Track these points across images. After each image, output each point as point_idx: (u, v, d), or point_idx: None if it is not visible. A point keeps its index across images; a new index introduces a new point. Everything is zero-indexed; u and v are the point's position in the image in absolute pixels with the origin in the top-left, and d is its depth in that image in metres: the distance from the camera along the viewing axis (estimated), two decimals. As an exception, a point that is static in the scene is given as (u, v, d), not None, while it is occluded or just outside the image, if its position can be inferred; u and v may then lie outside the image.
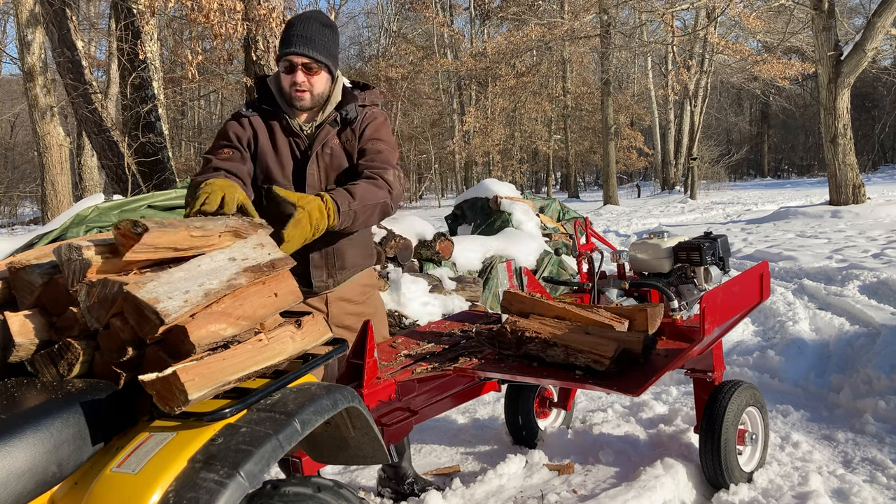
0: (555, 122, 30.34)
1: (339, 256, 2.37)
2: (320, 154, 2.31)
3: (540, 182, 38.75)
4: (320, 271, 2.35)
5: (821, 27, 12.91)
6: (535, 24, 22.87)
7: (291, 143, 2.32)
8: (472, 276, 5.90)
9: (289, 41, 2.25)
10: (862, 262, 7.15)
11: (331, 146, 2.33)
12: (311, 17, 2.31)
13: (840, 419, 3.48)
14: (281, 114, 2.33)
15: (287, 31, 2.28)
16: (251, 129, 2.31)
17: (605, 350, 2.17)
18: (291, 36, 2.26)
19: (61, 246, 1.46)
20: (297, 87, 2.26)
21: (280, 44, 2.30)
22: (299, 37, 2.24)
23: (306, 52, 2.23)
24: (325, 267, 2.36)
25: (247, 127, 2.31)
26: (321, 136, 2.32)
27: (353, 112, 2.36)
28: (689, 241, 3.20)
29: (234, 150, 2.26)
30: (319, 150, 2.31)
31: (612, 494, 2.63)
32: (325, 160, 2.32)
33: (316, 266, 2.34)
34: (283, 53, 2.27)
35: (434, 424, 3.52)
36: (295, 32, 2.25)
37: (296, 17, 2.33)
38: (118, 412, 1.38)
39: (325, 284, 2.37)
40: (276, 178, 2.29)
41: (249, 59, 7.47)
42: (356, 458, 1.71)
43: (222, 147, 2.27)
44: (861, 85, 28.59)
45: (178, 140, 26.55)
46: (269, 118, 2.33)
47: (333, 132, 2.34)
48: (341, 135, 2.35)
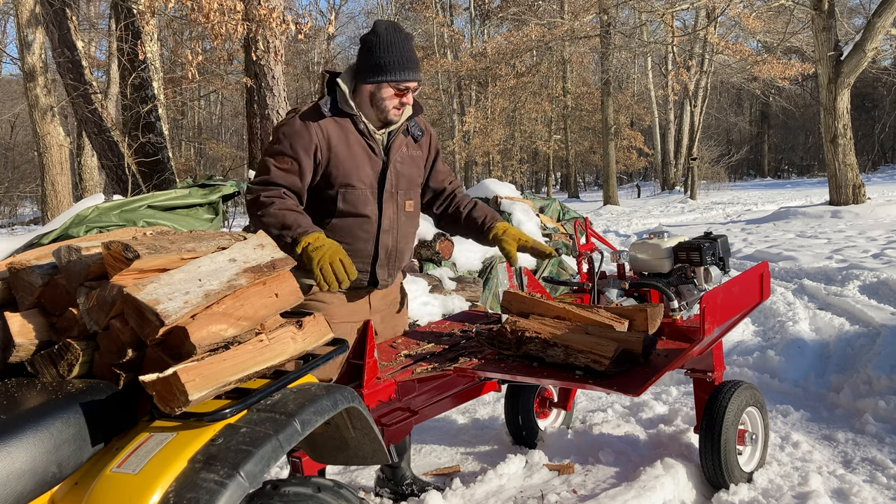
0: (555, 122, 30.34)
1: (399, 257, 2.51)
2: (395, 161, 2.42)
3: (540, 182, 38.74)
4: (384, 269, 2.47)
5: (821, 27, 12.91)
6: (535, 25, 22.87)
7: (367, 147, 2.38)
8: (472, 277, 5.90)
9: (402, 64, 2.29)
10: (862, 262, 7.15)
11: (401, 155, 2.45)
12: (405, 34, 2.35)
13: (840, 419, 3.48)
14: (358, 118, 2.37)
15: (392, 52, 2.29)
16: (323, 134, 2.31)
17: (605, 350, 2.17)
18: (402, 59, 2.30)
19: (61, 248, 1.46)
20: (400, 107, 2.36)
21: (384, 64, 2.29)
22: (411, 60, 2.32)
23: (418, 78, 2.35)
24: (388, 266, 2.48)
25: (315, 133, 2.30)
26: (395, 145, 2.43)
27: (416, 124, 2.51)
28: (689, 241, 3.20)
29: (294, 161, 2.29)
30: (394, 157, 2.42)
31: (612, 494, 2.63)
32: (397, 168, 2.43)
33: (381, 265, 2.45)
34: (397, 79, 2.29)
35: (434, 424, 3.52)
36: (402, 55, 2.29)
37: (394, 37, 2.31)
38: (118, 412, 1.38)
39: (386, 282, 2.50)
40: (353, 181, 2.35)
41: (249, 59, 7.48)
42: (356, 459, 1.71)
43: (283, 155, 2.29)
44: (861, 85, 28.59)
45: (178, 140, 26.54)
46: (343, 117, 2.37)
47: (404, 141, 2.46)
48: (408, 145, 2.49)
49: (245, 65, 7.99)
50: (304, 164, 2.29)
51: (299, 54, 28.44)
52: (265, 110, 7.40)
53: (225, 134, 34.02)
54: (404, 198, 2.46)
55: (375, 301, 2.53)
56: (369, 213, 2.37)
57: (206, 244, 1.52)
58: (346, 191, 2.34)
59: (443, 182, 2.64)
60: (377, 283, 2.46)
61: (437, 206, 2.67)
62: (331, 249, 2.16)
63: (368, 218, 2.38)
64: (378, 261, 2.43)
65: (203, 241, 1.52)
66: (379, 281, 2.46)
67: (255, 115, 7.66)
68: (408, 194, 2.47)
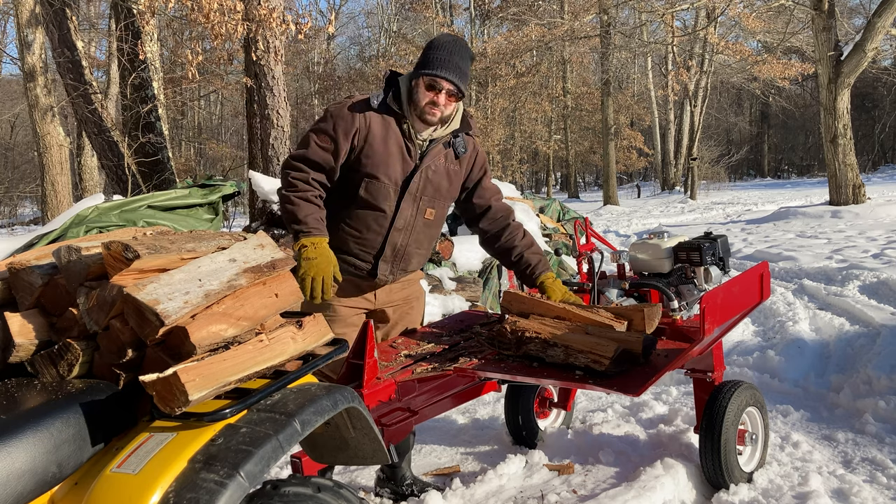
0: (555, 123, 30.35)
1: (406, 259, 2.54)
2: (427, 167, 2.46)
3: (540, 182, 38.75)
4: (387, 265, 2.50)
5: (821, 27, 12.91)
6: (535, 25, 22.85)
7: (404, 148, 2.44)
8: (472, 277, 5.90)
9: (443, 63, 2.37)
10: (862, 263, 7.15)
11: (436, 164, 2.49)
12: (463, 46, 2.43)
13: (840, 419, 3.48)
14: (403, 119, 2.43)
15: (440, 51, 2.39)
16: (365, 122, 2.40)
17: (605, 350, 2.17)
18: (444, 60, 2.37)
19: (60, 248, 1.46)
20: (434, 106, 2.39)
21: (428, 60, 2.39)
22: (454, 64, 2.37)
23: (455, 80, 2.38)
24: (392, 263, 2.51)
25: (358, 120, 2.39)
26: (433, 153, 2.48)
27: (461, 141, 2.55)
28: (689, 241, 3.20)
29: (333, 141, 2.39)
30: (427, 164, 2.46)
31: (612, 494, 2.63)
32: (427, 175, 2.48)
33: (385, 260, 2.49)
34: (433, 72, 2.36)
35: (434, 424, 3.52)
36: (449, 58, 2.37)
37: (451, 41, 2.44)
38: (118, 413, 1.38)
39: (385, 279, 2.53)
40: (379, 174, 2.41)
41: (249, 59, 7.48)
42: (356, 459, 1.71)
43: (325, 133, 2.40)
44: (861, 85, 28.59)
45: (178, 140, 26.52)
46: (390, 115, 2.43)
47: (443, 152, 2.50)
48: (448, 157, 2.52)
49: (245, 65, 7.99)
50: (340, 145, 2.38)
51: (299, 54, 28.43)
52: (265, 110, 7.40)
53: (225, 134, 34.01)
54: (427, 204, 2.50)
55: (382, 295, 2.58)
56: (386, 208, 2.44)
57: (206, 244, 1.52)
58: (371, 182, 2.41)
59: (488, 199, 2.69)
60: (376, 276, 2.49)
61: (483, 223, 2.72)
62: (321, 265, 2.27)
63: (384, 213, 2.44)
64: (383, 255, 2.48)
65: (203, 241, 1.52)
66: (378, 274, 2.49)
67: (255, 115, 7.66)
68: (432, 202, 2.52)
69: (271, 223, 5.58)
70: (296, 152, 2.45)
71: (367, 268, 2.48)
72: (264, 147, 7.43)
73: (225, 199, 6.14)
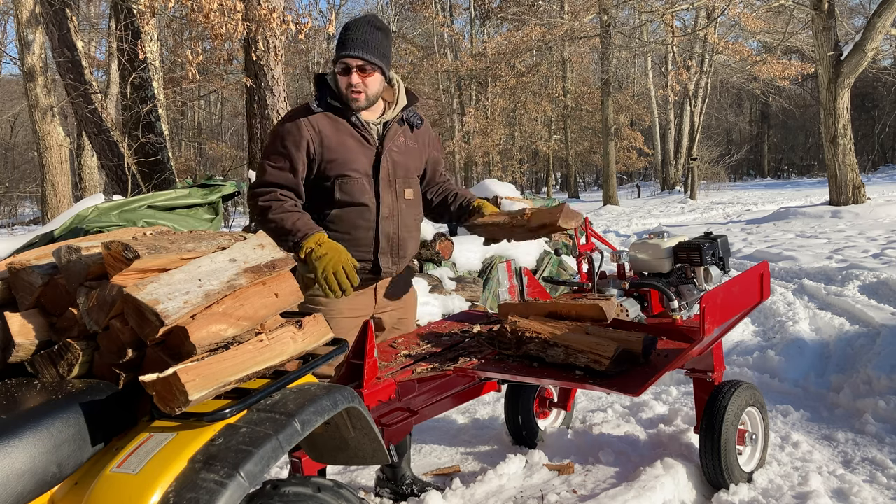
0: (555, 122, 30.34)
1: (403, 246, 2.55)
2: (390, 150, 2.47)
3: (540, 182, 38.74)
4: (387, 258, 2.51)
5: (821, 27, 12.91)
6: (534, 25, 22.86)
7: (360, 138, 2.44)
8: (472, 277, 5.90)
9: (344, 44, 2.37)
10: (862, 262, 7.15)
11: (398, 144, 2.50)
12: (366, 20, 2.42)
13: (840, 419, 3.48)
14: (348, 110, 2.42)
15: (343, 35, 2.39)
16: (314, 129, 2.39)
17: (605, 350, 2.18)
18: (347, 39, 2.37)
19: (60, 248, 1.46)
20: (352, 88, 2.37)
21: (336, 47, 2.42)
22: (354, 40, 2.36)
23: (361, 55, 2.35)
24: (391, 254, 2.52)
25: (306, 128, 2.38)
26: (391, 134, 2.48)
27: (415, 115, 2.58)
28: (689, 241, 3.19)
29: (286, 158, 2.38)
30: (389, 146, 2.47)
31: (612, 494, 2.63)
32: (393, 156, 2.49)
33: (384, 253, 2.50)
34: (339, 56, 2.38)
35: (434, 424, 3.52)
36: (350, 36, 2.37)
37: (351, 21, 2.43)
38: (118, 413, 1.38)
39: (390, 270, 2.53)
40: (347, 171, 2.41)
41: (249, 59, 7.47)
42: (356, 459, 1.71)
43: (276, 154, 2.40)
44: (861, 85, 28.58)
45: (178, 140, 26.52)
46: (336, 114, 2.43)
47: (401, 130, 2.51)
48: (406, 135, 2.54)
49: (245, 65, 7.98)
50: (295, 159, 2.38)
51: (299, 54, 28.42)
52: (265, 110, 7.40)
53: (225, 134, 34.01)
54: (403, 186, 2.51)
55: (381, 297, 2.57)
56: (367, 201, 2.44)
57: (206, 244, 1.52)
58: (342, 181, 2.41)
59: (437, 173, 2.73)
60: (380, 271, 2.49)
61: (430, 194, 2.75)
62: (335, 257, 2.24)
63: (367, 206, 2.44)
64: (380, 249, 2.48)
65: (203, 241, 1.52)
66: (382, 269, 2.49)
67: (255, 115, 7.66)
68: (406, 182, 2.53)
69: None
70: (256, 181, 2.43)
71: (369, 266, 2.48)
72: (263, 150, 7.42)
73: (225, 199, 6.14)
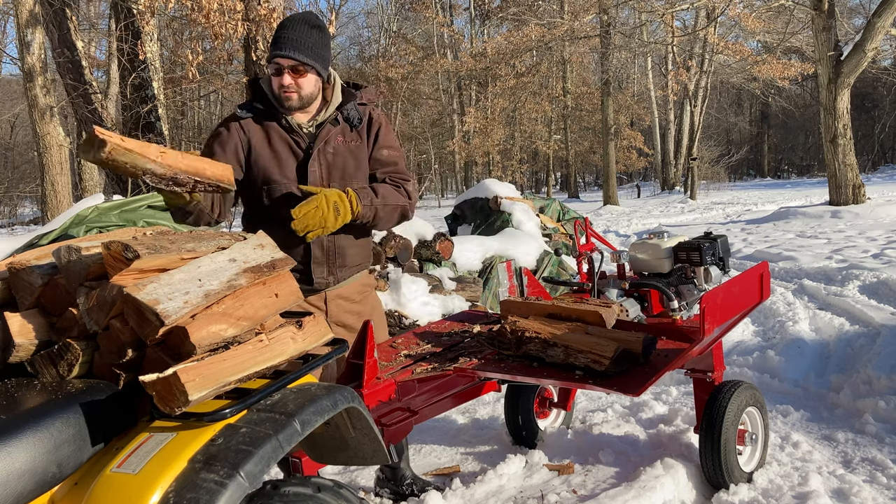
0: (555, 122, 30.35)
1: (341, 254, 2.40)
2: (322, 152, 2.35)
3: (540, 182, 38.75)
4: (322, 268, 2.37)
5: (821, 27, 12.91)
6: (534, 25, 22.87)
7: (291, 142, 2.35)
8: (472, 277, 5.90)
9: (276, 44, 2.28)
10: (862, 263, 7.15)
11: (333, 144, 2.37)
12: (300, 18, 2.33)
13: (840, 419, 3.48)
14: (279, 114, 2.35)
15: (277, 34, 2.31)
16: (242, 132, 2.33)
17: (605, 350, 2.18)
18: (279, 38, 2.28)
19: (60, 248, 1.46)
20: (284, 88, 2.29)
21: (270, 46, 2.33)
22: (286, 39, 2.27)
23: (292, 55, 2.26)
24: (327, 264, 2.38)
25: (236, 131, 2.32)
26: (322, 135, 2.36)
27: (355, 112, 2.41)
28: (689, 241, 3.20)
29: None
30: (321, 147, 2.35)
31: (612, 494, 2.63)
32: (326, 158, 2.36)
33: (318, 263, 2.36)
34: (270, 56, 2.30)
35: (434, 424, 3.52)
36: (282, 35, 2.28)
37: (286, 19, 2.35)
38: (118, 413, 1.38)
39: (325, 281, 2.39)
40: (275, 177, 2.32)
41: (249, 59, 7.47)
42: (356, 459, 1.71)
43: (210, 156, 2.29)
44: (861, 85, 28.60)
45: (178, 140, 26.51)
46: (266, 118, 2.36)
47: (336, 130, 2.38)
48: (345, 134, 2.40)
49: (245, 65, 7.98)
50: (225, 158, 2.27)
51: (299, 54, 28.39)
52: (265, 110, 7.38)
53: (225, 134, 33.94)
54: (340, 189, 2.29)
55: (334, 309, 2.42)
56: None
57: (206, 244, 1.52)
58: (269, 187, 2.33)
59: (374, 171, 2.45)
60: (313, 282, 2.35)
61: None
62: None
63: None
64: (313, 258, 2.34)
65: (203, 241, 1.52)
66: (314, 280, 2.35)
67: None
68: (342, 185, 2.32)
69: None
70: None
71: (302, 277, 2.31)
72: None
73: (225, 199, 6.13)
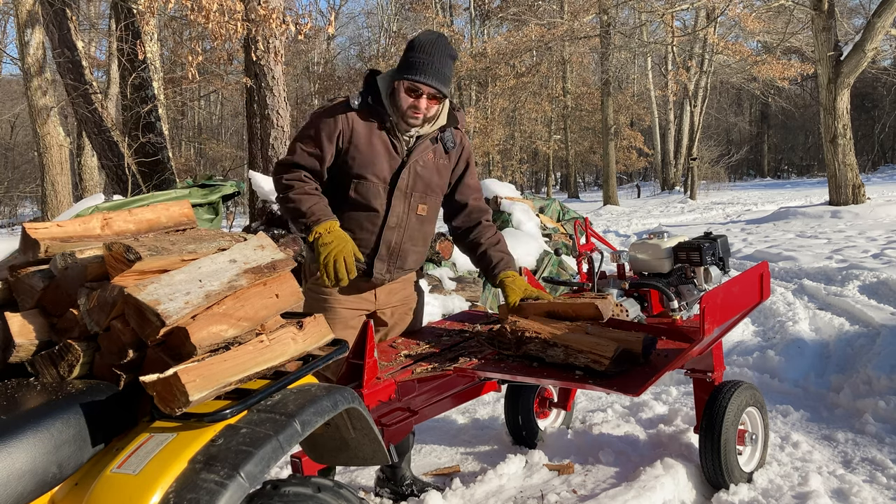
0: (555, 123, 30.35)
1: (403, 257, 2.54)
2: (415, 163, 2.47)
3: (540, 182, 38.74)
4: (383, 264, 2.51)
5: (820, 27, 12.91)
6: (534, 25, 22.87)
7: (389, 146, 2.45)
8: (472, 277, 5.90)
9: (422, 68, 2.34)
10: (862, 263, 7.15)
11: (424, 160, 2.50)
12: (442, 47, 2.39)
13: (840, 419, 3.48)
14: (387, 117, 2.43)
15: (419, 54, 2.36)
16: (348, 124, 2.41)
17: (605, 350, 2.18)
18: (422, 63, 2.35)
19: (56, 256, 1.46)
20: (416, 110, 2.38)
21: (408, 62, 2.37)
22: (431, 67, 2.35)
23: (435, 85, 2.36)
24: (388, 262, 2.52)
25: (341, 122, 2.41)
26: (420, 149, 2.48)
27: (451, 137, 2.56)
28: (689, 241, 3.20)
29: (318, 146, 2.41)
30: (416, 159, 2.47)
31: (612, 494, 2.63)
32: (416, 170, 2.49)
33: (381, 259, 2.50)
34: (413, 77, 2.34)
35: (434, 424, 3.52)
36: (429, 61, 2.35)
37: (427, 41, 2.39)
38: (118, 413, 1.38)
39: (383, 277, 2.53)
40: (367, 174, 2.42)
41: (249, 60, 7.48)
42: (356, 459, 1.71)
43: (310, 139, 2.43)
44: (861, 85, 28.59)
45: (178, 140, 26.53)
46: (373, 115, 2.44)
47: (431, 148, 2.51)
48: (436, 152, 2.53)
49: (245, 65, 7.99)
50: (326, 149, 2.41)
51: (299, 54, 28.43)
52: (265, 110, 7.40)
53: (225, 134, 34.02)
54: (418, 201, 2.51)
55: (382, 295, 2.58)
56: (378, 206, 2.45)
57: (207, 245, 1.52)
58: (360, 182, 2.43)
59: (466, 196, 2.67)
60: (372, 274, 2.50)
61: (457, 220, 2.72)
62: (339, 246, 2.29)
63: (376, 211, 2.46)
64: (378, 254, 2.49)
65: (204, 242, 1.52)
66: (374, 273, 2.49)
67: (255, 116, 7.66)
68: (423, 198, 2.52)
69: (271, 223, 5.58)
70: (284, 158, 2.48)
71: (364, 268, 2.49)
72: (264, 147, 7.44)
73: (225, 199, 6.15)
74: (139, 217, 1.61)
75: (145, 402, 1.39)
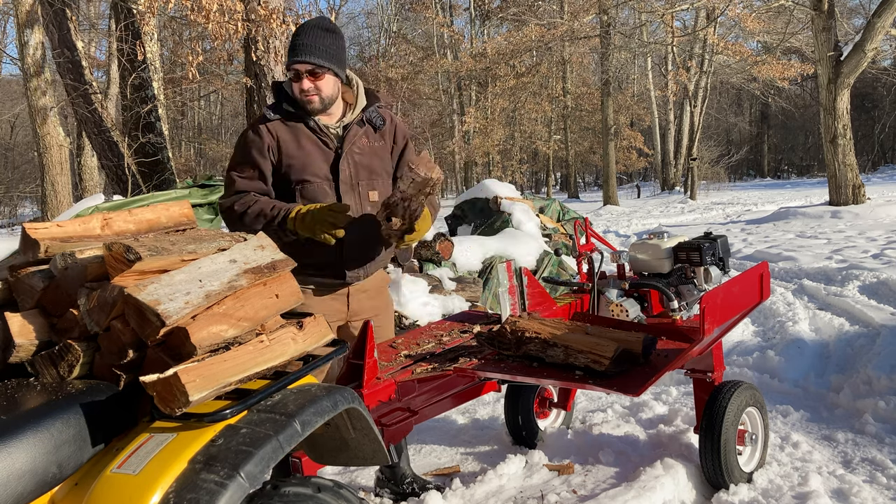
0: (555, 123, 30.35)
1: (371, 248, 2.50)
2: (350, 152, 2.45)
3: (540, 182, 38.75)
4: (353, 261, 2.46)
5: (820, 27, 12.91)
6: (534, 25, 22.87)
7: (319, 143, 2.43)
8: (472, 277, 5.90)
9: (293, 50, 2.37)
10: (862, 263, 7.15)
11: (360, 146, 2.47)
12: (314, 24, 2.41)
13: (840, 419, 3.48)
14: (306, 116, 2.42)
15: (292, 41, 2.39)
16: (272, 136, 2.40)
17: (605, 350, 2.18)
18: (296, 45, 2.37)
19: (55, 256, 1.46)
20: (305, 93, 2.38)
21: (287, 54, 2.41)
22: (302, 45, 2.35)
23: (308, 59, 2.35)
24: (358, 258, 2.47)
25: (266, 135, 2.40)
26: (350, 136, 2.46)
27: (377, 115, 2.53)
28: (689, 241, 3.20)
29: (253, 168, 2.40)
30: (349, 148, 2.45)
31: (612, 494, 2.63)
32: (354, 158, 2.46)
33: (351, 258, 2.45)
34: (289, 63, 2.38)
35: (434, 424, 3.52)
36: (298, 42, 2.36)
37: (300, 26, 2.43)
38: (118, 413, 1.38)
39: (356, 276, 2.48)
40: (307, 176, 2.40)
41: (249, 60, 7.47)
42: (356, 459, 1.71)
43: (243, 164, 2.42)
44: (861, 85, 28.59)
45: (178, 140, 26.54)
46: (294, 120, 2.43)
47: (361, 132, 2.49)
48: (369, 135, 2.51)
49: (245, 65, 7.98)
50: (263, 167, 2.39)
51: (299, 54, 28.39)
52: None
53: (225, 134, 34.04)
54: (367, 188, 2.47)
55: (355, 303, 2.53)
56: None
57: (207, 245, 1.52)
58: (303, 186, 2.41)
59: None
60: (345, 276, 2.45)
61: None
62: (316, 210, 2.25)
63: None
64: (346, 254, 2.43)
65: (203, 242, 1.52)
66: (347, 274, 2.44)
67: (255, 116, 7.66)
68: (371, 184, 2.48)
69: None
70: (225, 193, 2.44)
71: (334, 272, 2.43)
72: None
73: (225, 200, 6.13)
74: (139, 217, 1.61)
75: (145, 402, 1.39)
